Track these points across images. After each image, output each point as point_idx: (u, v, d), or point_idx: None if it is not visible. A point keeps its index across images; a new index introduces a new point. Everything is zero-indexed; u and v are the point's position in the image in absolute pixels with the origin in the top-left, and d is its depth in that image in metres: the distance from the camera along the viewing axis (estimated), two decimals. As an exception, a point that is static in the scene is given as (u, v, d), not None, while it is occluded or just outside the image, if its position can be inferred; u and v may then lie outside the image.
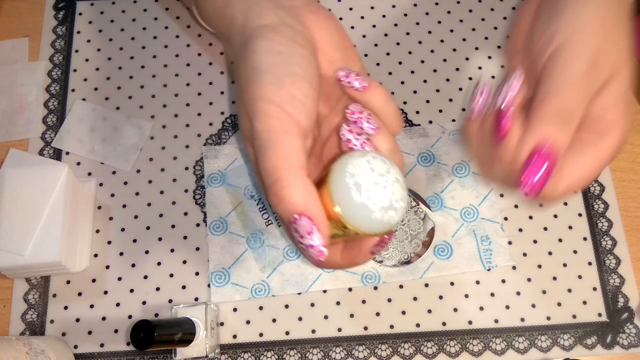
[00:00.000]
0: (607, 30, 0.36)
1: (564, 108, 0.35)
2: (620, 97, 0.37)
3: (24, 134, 0.55)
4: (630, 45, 0.37)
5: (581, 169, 0.36)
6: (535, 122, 0.35)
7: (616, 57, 0.37)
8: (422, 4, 0.59)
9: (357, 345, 0.48)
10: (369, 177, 0.33)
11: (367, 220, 0.33)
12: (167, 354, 0.48)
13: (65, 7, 0.60)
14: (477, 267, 0.50)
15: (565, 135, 0.35)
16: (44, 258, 0.46)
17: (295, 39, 0.37)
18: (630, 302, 0.49)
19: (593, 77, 0.36)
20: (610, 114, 0.36)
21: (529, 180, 0.34)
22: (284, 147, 0.34)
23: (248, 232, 0.51)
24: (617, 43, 0.37)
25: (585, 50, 0.36)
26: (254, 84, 0.36)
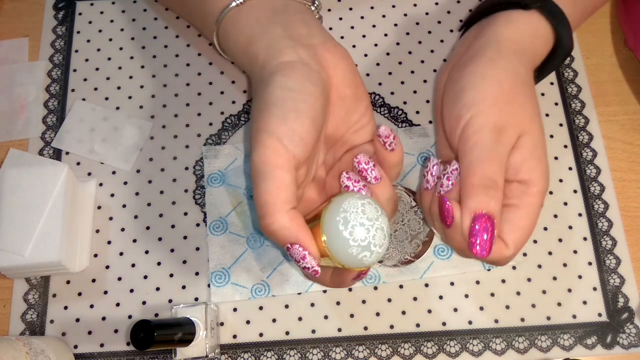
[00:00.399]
0: (508, 97, 0.42)
1: (484, 177, 0.40)
2: (534, 148, 0.42)
3: (24, 134, 0.55)
4: (535, 105, 0.44)
5: (518, 231, 0.41)
6: (465, 197, 0.40)
7: (522, 118, 0.42)
8: (422, 4, 0.59)
9: (357, 345, 0.48)
10: (358, 217, 0.37)
11: (345, 253, 0.37)
12: (167, 354, 0.48)
13: (65, 7, 0.60)
14: (477, 267, 0.50)
15: (493, 199, 0.39)
16: (44, 258, 0.46)
17: (309, 77, 0.41)
18: (630, 302, 0.49)
19: (503, 141, 0.41)
20: (528, 164, 0.42)
21: (476, 247, 0.39)
22: (274, 182, 0.38)
23: (248, 232, 0.51)
24: (521, 106, 0.42)
25: (488, 121, 0.41)
26: (261, 116, 0.39)
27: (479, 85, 0.43)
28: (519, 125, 0.42)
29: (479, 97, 0.42)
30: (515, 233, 0.41)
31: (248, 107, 0.55)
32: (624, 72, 0.57)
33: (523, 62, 0.45)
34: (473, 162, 0.41)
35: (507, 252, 0.41)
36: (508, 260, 0.42)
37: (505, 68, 0.43)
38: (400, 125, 0.54)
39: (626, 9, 0.57)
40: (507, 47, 0.45)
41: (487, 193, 0.39)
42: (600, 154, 0.54)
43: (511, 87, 0.43)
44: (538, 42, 0.46)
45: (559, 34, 0.46)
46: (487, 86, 0.42)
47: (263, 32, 0.43)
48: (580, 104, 0.55)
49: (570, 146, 0.54)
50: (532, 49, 0.46)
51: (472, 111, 0.42)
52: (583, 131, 0.54)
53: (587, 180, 0.53)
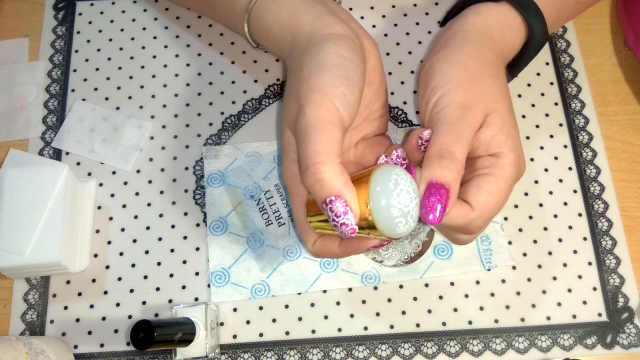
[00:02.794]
0: (475, 78, 0.44)
1: (440, 148, 0.41)
2: (503, 124, 0.43)
3: (24, 134, 0.55)
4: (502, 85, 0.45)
5: (486, 195, 0.41)
6: (422, 168, 0.41)
7: (488, 97, 0.43)
8: (422, 5, 0.59)
9: (357, 345, 0.48)
10: (407, 184, 0.38)
11: (386, 212, 0.37)
12: (167, 354, 0.48)
13: (65, 7, 0.60)
14: (477, 267, 0.50)
15: (447, 169, 0.40)
16: (44, 258, 0.46)
17: (357, 52, 0.43)
18: (630, 302, 0.49)
19: (468, 117, 0.42)
20: (498, 138, 0.43)
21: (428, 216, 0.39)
22: (328, 136, 0.39)
23: (248, 232, 0.51)
24: (488, 86, 0.44)
25: (454, 99, 0.43)
26: (315, 77, 0.41)
27: (444, 69, 0.44)
28: (486, 104, 0.43)
29: (445, 79, 0.44)
30: (481, 196, 0.41)
31: (248, 107, 0.55)
32: (624, 72, 0.57)
33: (490, 48, 0.46)
34: (434, 135, 0.42)
35: (472, 214, 0.41)
36: (474, 224, 0.41)
37: (470, 53, 0.45)
38: (400, 125, 0.54)
39: (626, 9, 0.57)
40: (473, 34, 0.46)
41: (441, 163, 0.40)
42: (600, 154, 0.54)
43: (477, 68, 0.44)
44: (507, 31, 0.47)
45: (530, 24, 0.47)
46: (452, 69, 0.44)
47: (307, 7, 0.45)
48: (580, 104, 0.55)
49: (570, 146, 0.54)
50: (499, 38, 0.47)
51: (439, 93, 0.43)
52: (583, 131, 0.54)
53: (587, 180, 0.53)
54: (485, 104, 0.43)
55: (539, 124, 0.55)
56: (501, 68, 0.46)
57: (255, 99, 0.56)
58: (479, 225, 0.42)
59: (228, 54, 0.57)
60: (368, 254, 0.50)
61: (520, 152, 0.44)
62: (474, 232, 0.43)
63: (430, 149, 0.41)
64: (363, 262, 0.50)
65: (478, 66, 0.44)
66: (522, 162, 0.44)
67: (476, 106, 0.43)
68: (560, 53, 0.57)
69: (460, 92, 0.43)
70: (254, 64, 0.57)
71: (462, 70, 0.44)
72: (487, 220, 0.42)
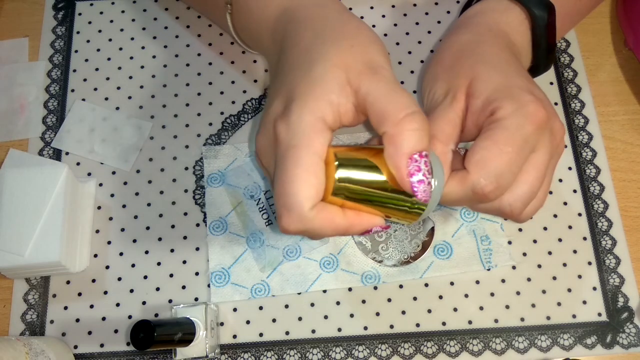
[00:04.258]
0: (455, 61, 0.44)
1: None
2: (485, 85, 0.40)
3: (23, 134, 0.55)
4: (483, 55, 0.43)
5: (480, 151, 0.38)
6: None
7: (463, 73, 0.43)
8: (422, 4, 0.59)
9: (357, 345, 0.48)
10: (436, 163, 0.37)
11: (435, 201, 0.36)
12: (167, 354, 0.48)
13: (65, 7, 0.60)
14: (476, 267, 0.50)
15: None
16: (43, 258, 0.46)
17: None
18: (630, 302, 0.49)
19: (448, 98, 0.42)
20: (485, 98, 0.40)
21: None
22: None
23: (248, 232, 0.51)
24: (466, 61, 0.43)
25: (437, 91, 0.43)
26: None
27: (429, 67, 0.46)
28: (462, 79, 0.42)
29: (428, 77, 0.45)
30: (474, 155, 0.38)
31: (248, 107, 0.55)
32: (624, 72, 0.57)
33: (474, 30, 0.46)
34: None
35: (469, 177, 0.38)
36: (483, 189, 0.38)
37: (450, 40, 0.46)
38: (400, 125, 0.54)
39: (626, 9, 0.57)
40: (462, 21, 0.48)
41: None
42: (599, 153, 0.54)
43: (460, 50, 0.44)
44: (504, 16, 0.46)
45: (530, 11, 0.45)
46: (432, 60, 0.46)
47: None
48: (580, 104, 0.55)
49: (570, 146, 0.54)
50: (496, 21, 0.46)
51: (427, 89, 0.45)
52: (583, 131, 0.54)
53: (587, 180, 0.53)
54: (461, 79, 0.42)
55: (539, 124, 0.55)
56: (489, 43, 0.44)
57: (255, 99, 0.56)
58: (490, 189, 0.37)
59: (228, 54, 0.57)
60: (368, 253, 0.50)
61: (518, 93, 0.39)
62: (491, 197, 0.38)
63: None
64: (363, 262, 0.50)
65: (463, 46, 0.45)
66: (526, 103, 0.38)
67: (453, 84, 0.42)
68: (560, 53, 0.57)
69: (440, 85, 0.43)
70: (253, 64, 0.57)
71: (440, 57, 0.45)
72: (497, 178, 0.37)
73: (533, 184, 0.39)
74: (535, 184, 0.39)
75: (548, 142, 0.40)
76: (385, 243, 0.50)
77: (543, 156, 0.39)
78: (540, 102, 0.39)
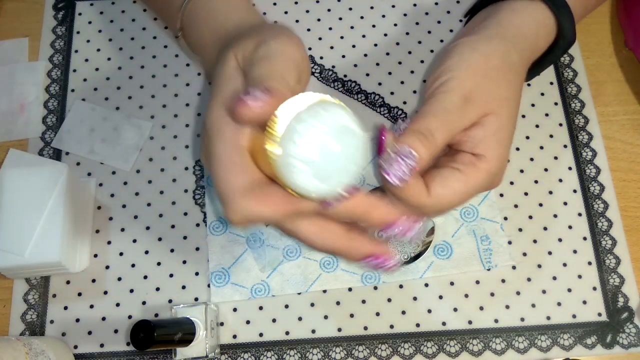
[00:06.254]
0: (490, 75, 0.42)
1: (426, 128, 0.39)
2: (498, 129, 0.42)
3: (24, 134, 0.55)
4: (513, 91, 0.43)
5: (447, 189, 0.40)
6: (404, 134, 0.40)
7: (494, 97, 0.42)
8: (421, 4, 0.59)
9: (357, 345, 0.48)
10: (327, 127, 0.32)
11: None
12: (167, 354, 0.48)
13: (65, 7, 0.60)
14: (476, 267, 0.50)
15: (424, 147, 0.39)
16: (44, 258, 0.46)
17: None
18: (630, 302, 0.49)
19: (465, 109, 0.41)
20: (487, 141, 0.41)
21: (390, 172, 0.38)
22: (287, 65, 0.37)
23: (248, 232, 0.51)
24: (499, 87, 0.42)
25: (460, 87, 0.41)
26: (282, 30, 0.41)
27: (465, 53, 0.43)
28: (489, 103, 0.42)
29: (461, 64, 0.42)
30: (442, 188, 0.40)
31: (248, 107, 0.55)
32: (624, 72, 0.57)
33: (519, 49, 0.45)
34: (423, 113, 0.41)
35: (425, 200, 0.40)
36: (422, 209, 0.40)
37: (497, 48, 0.43)
38: (400, 125, 0.54)
39: (626, 9, 0.57)
40: (508, 30, 0.45)
41: (420, 138, 0.39)
42: (600, 153, 0.54)
43: (496, 66, 0.43)
44: (541, 32, 0.46)
45: (561, 25, 0.46)
46: (473, 57, 0.43)
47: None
48: (580, 104, 0.55)
49: (570, 146, 0.54)
50: (533, 38, 0.46)
51: (450, 74, 0.42)
52: (583, 131, 0.54)
53: (587, 180, 0.53)
54: (488, 103, 0.42)
55: (539, 124, 0.55)
56: (521, 74, 0.45)
57: (255, 99, 0.55)
58: (426, 212, 0.41)
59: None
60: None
61: (503, 164, 0.42)
62: (417, 213, 0.41)
63: (414, 124, 0.40)
64: (363, 262, 0.50)
65: (499, 65, 0.43)
66: (500, 174, 0.43)
67: (478, 102, 0.41)
68: (560, 53, 0.57)
69: (469, 83, 0.41)
70: (253, 64, 0.57)
71: (482, 61, 0.42)
72: (436, 212, 0.41)
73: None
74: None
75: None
76: (385, 243, 0.50)
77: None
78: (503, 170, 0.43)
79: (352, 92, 0.56)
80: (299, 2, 0.60)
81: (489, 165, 0.41)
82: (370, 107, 0.55)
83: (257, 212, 0.34)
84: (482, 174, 0.41)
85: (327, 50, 0.57)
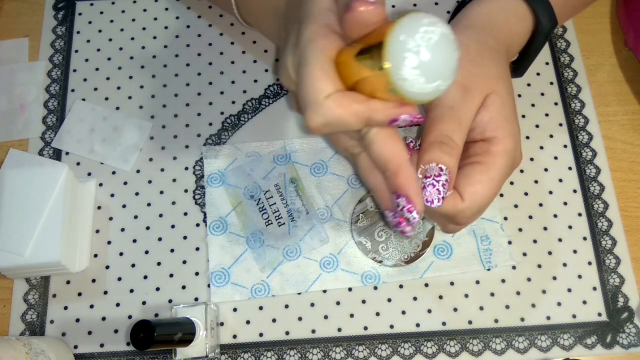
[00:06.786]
0: (475, 60, 0.43)
1: (440, 134, 0.40)
2: (501, 107, 0.42)
3: (24, 134, 0.55)
4: (503, 70, 0.44)
5: (476, 186, 0.41)
6: (421, 153, 0.40)
7: (488, 78, 0.43)
8: (421, 4, 0.59)
9: (357, 345, 0.48)
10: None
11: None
12: (167, 354, 0.48)
13: (65, 7, 0.60)
14: (476, 267, 0.50)
15: (447, 155, 0.39)
16: (44, 258, 0.46)
17: None
18: (630, 302, 0.49)
19: (467, 99, 0.41)
20: (495, 122, 0.42)
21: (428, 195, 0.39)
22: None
23: (248, 232, 0.51)
24: (488, 68, 0.43)
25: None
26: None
27: None
28: (485, 85, 0.42)
29: None
30: (471, 186, 0.41)
31: (248, 107, 0.55)
32: (624, 72, 0.57)
33: (491, 34, 0.45)
34: (434, 119, 0.41)
35: (461, 205, 0.40)
36: (463, 214, 0.41)
37: (471, 36, 0.44)
38: (400, 125, 0.54)
39: (626, 9, 0.57)
40: (476, 21, 0.46)
41: (442, 149, 0.40)
42: (600, 153, 0.54)
43: (477, 51, 0.43)
44: (512, 19, 0.46)
45: (535, 11, 0.46)
46: None
47: None
48: (580, 104, 0.55)
49: (570, 146, 0.54)
50: (504, 25, 0.46)
51: None
52: (583, 131, 0.54)
53: (587, 180, 0.53)
54: (484, 85, 0.42)
55: (539, 124, 0.55)
56: (502, 53, 0.46)
57: (255, 98, 0.56)
58: (467, 217, 0.42)
59: (228, 54, 0.57)
60: (368, 253, 0.50)
61: (516, 138, 0.43)
62: (462, 223, 0.43)
63: (431, 135, 0.40)
64: (363, 262, 0.50)
65: (478, 49, 0.44)
66: (517, 149, 0.43)
67: (475, 87, 0.42)
68: (560, 53, 0.57)
69: (460, 73, 0.41)
70: (253, 64, 0.57)
71: (463, 51, 0.42)
72: (477, 211, 0.42)
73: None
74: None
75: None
76: (385, 243, 0.50)
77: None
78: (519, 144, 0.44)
79: (352, 92, 0.56)
80: (299, 2, 0.60)
81: (503, 144, 0.41)
82: (370, 107, 0.55)
83: (338, 115, 0.35)
84: (500, 155, 0.41)
85: (327, 50, 0.57)
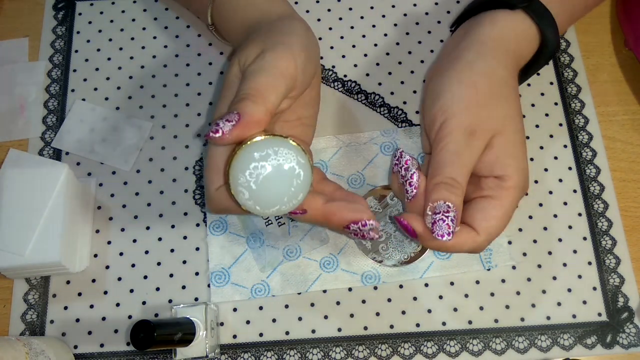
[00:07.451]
0: (483, 102, 0.44)
1: (447, 177, 0.42)
2: (506, 147, 0.44)
3: (24, 134, 0.55)
4: (511, 106, 0.45)
5: (491, 220, 0.43)
6: (428, 192, 0.42)
7: (495, 120, 0.44)
8: (421, 4, 0.59)
9: (357, 345, 0.48)
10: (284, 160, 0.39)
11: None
12: (167, 354, 0.48)
13: (65, 7, 0.60)
14: (476, 267, 0.50)
15: (454, 195, 0.41)
16: (43, 258, 0.46)
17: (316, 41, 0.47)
18: (630, 302, 0.49)
19: (473, 143, 0.43)
20: (501, 161, 0.43)
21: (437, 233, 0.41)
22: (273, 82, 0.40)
23: (248, 232, 0.51)
24: (495, 109, 0.44)
25: (460, 124, 0.43)
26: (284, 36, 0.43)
27: (455, 90, 0.44)
28: (492, 127, 0.44)
29: (454, 101, 0.44)
30: (486, 221, 0.43)
31: (248, 107, 0.55)
32: (624, 72, 0.57)
33: (503, 62, 0.46)
34: (440, 163, 0.43)
35: (478, 238, 0.42)
36: (481, 247, 0.43)
37: (481, 71, 0.45)
38: (400, 125, 0.54)
39: (626, 9, 0.57)
40: (488, 46, 0.46)
41: (448, 189, 0.42)
42: (600, 153, 0.54)
43: (486, 89, 0.44)
44: (523, 42, 0.47)
45: (544, 34, 0.47)
46: (462, 91, 0.44)
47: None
48: (580, 104, 0.55)
49: (570, 146, 0.54)
50: (516, 49, 0.47)
51: (446, 115, 0.44)
52: (583, 131, 0.54)
53: (587, 180, 0.53)
54: (491, 127, 0.44)
55: (539, 124, 0.55)
56: (512, 84, 0.46)
57: (255, 99, 0.56)
58: (484, 247, 0.44)
59: (227, 54, 0.57)
60: (368, 253, 0.50)
61: (525, 172, 0.44)
62: (478, 251, 0.44)
63: (436, 178, 0.42)
64: (363, 262, 0.50)
65: (488, 86, 0.44)
66: (526, 181, 0.44)
67: (481, 130, 0.43)
68: (560, 53, 0.57)
69: (466, 117, 0.43)
70: (253, 64, 0.57)
71: (471, 92, 0.44)
72: (491, 241, 0.44)
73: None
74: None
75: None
76: (385, 243, 0.50)
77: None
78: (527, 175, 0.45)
79: (352, 92, 0.56)
80: (299, 2, 0.60)
81: (513, 181, 0.43)
82: (370, 107, 0.55)
83: (227, 206, 0.41)
84: (511, 191, 0.43)
85: (327, 50, 0.57)
